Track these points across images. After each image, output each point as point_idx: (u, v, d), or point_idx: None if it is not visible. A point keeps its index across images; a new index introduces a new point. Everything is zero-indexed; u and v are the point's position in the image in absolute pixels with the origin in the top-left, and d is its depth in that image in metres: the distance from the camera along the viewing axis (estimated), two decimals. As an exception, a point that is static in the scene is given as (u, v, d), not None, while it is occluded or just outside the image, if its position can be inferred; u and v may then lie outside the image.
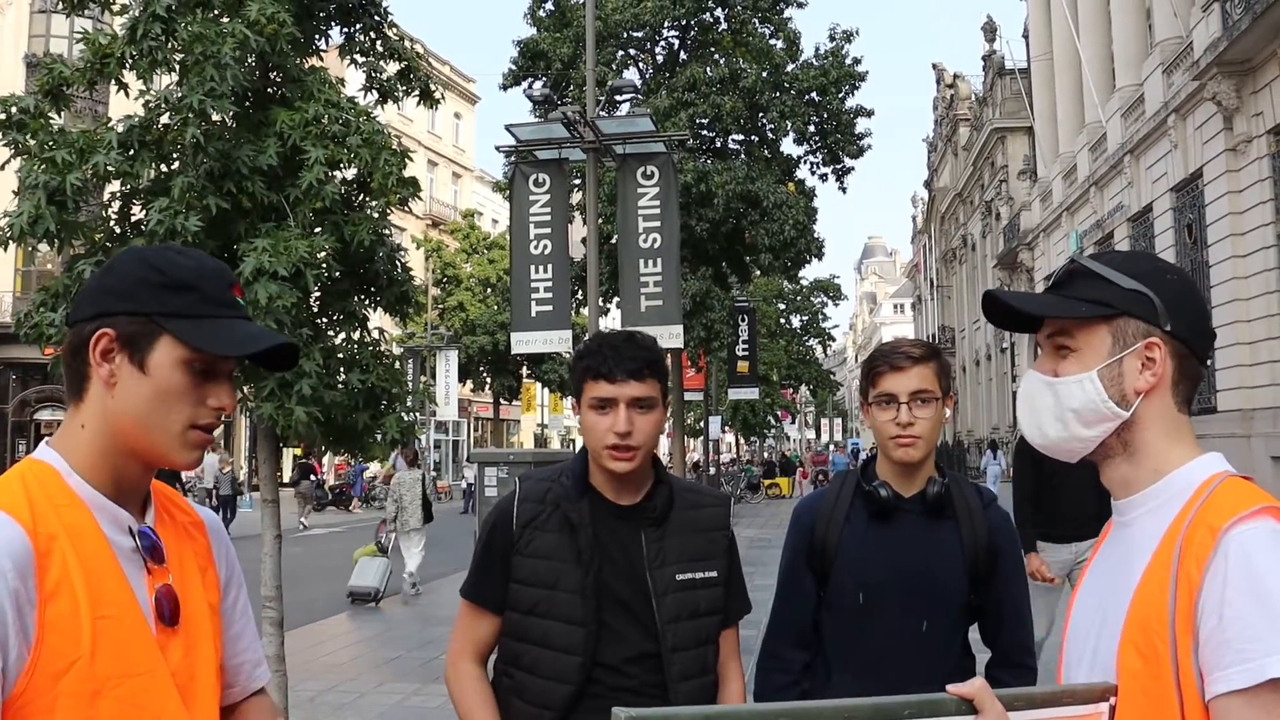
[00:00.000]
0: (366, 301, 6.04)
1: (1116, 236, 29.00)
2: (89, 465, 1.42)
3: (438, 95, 6.73)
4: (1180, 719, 1.24)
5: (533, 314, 14.75)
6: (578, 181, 18.70)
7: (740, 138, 25.40)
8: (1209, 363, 1.47)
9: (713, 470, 33.43)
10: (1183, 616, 1.26)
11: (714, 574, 2.41)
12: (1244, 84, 20.15)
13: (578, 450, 2.46)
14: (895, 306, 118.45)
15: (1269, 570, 1.22)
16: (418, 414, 6.50)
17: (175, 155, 5.53)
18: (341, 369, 5.68)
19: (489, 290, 47.07)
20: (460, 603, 2.49)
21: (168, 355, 1.43)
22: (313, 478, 32.04)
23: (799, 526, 2.69)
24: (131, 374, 1.42)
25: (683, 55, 25.60)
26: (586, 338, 2.53)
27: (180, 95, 5.29)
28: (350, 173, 5.87)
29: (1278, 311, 18.59)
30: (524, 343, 14.98)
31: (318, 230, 5.56)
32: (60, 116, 5.58)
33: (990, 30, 48.47)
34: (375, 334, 6.10)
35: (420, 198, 6.11)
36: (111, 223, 5.58)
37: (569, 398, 54.45)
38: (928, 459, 2.57)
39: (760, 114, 24.52)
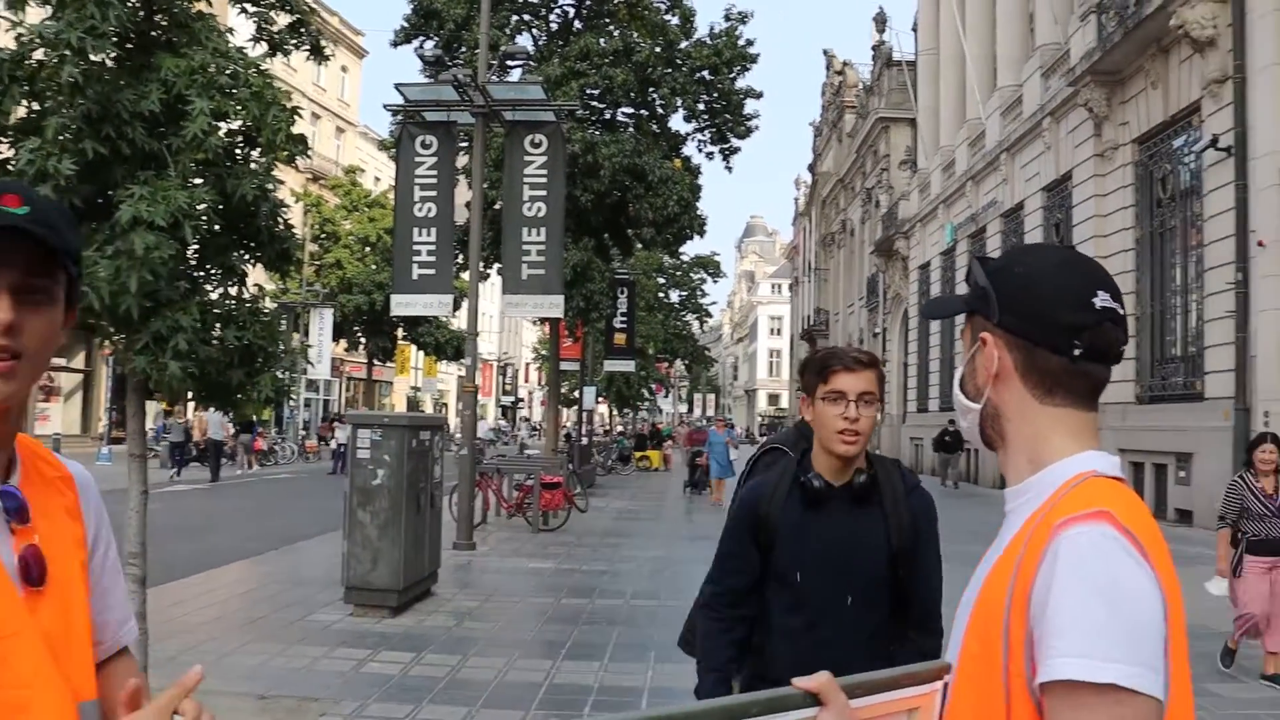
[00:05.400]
0: (246, 257, 5.91)
1: (989, 231, 29.94)
2: None
3: (328, 51, 6.61)
4: (1006, 704, 1.30)
5: (414, 276, 14.55)
6: (465, 145, 18.48)
7: (630, 111, 25.43)
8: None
9: (585, 441, 33.34)
10: (1017, 608, 1.31)
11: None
12: (1114, 93, 20.98)
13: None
14: (773, 286, 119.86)
15: (1086, 572, 1.25)
16: (291, 372, 6.40)
17: (49, 94, 5.32)
18: (218, 325, 5.56)
19: (368, 249, 46.20)
20: None
21: None
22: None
23: (745, 507, 3.11)
24: None
25: (577, 24, 25.46)
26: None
27: (58, 31, 5.09)
28: (235, 124, 5.73)
29: (1133, 312, 19.46)
30: (404, 305, 14.79)
31: (198, 182, 5.42)
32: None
33: (881, 21, 49.34)
34: (253, 290, 5.98)
35: (308, 155, 6.00)
36: (-24, 160, 5.33)
37: (444, 360, 53.93)
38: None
39: (651, 89, 24.57)
